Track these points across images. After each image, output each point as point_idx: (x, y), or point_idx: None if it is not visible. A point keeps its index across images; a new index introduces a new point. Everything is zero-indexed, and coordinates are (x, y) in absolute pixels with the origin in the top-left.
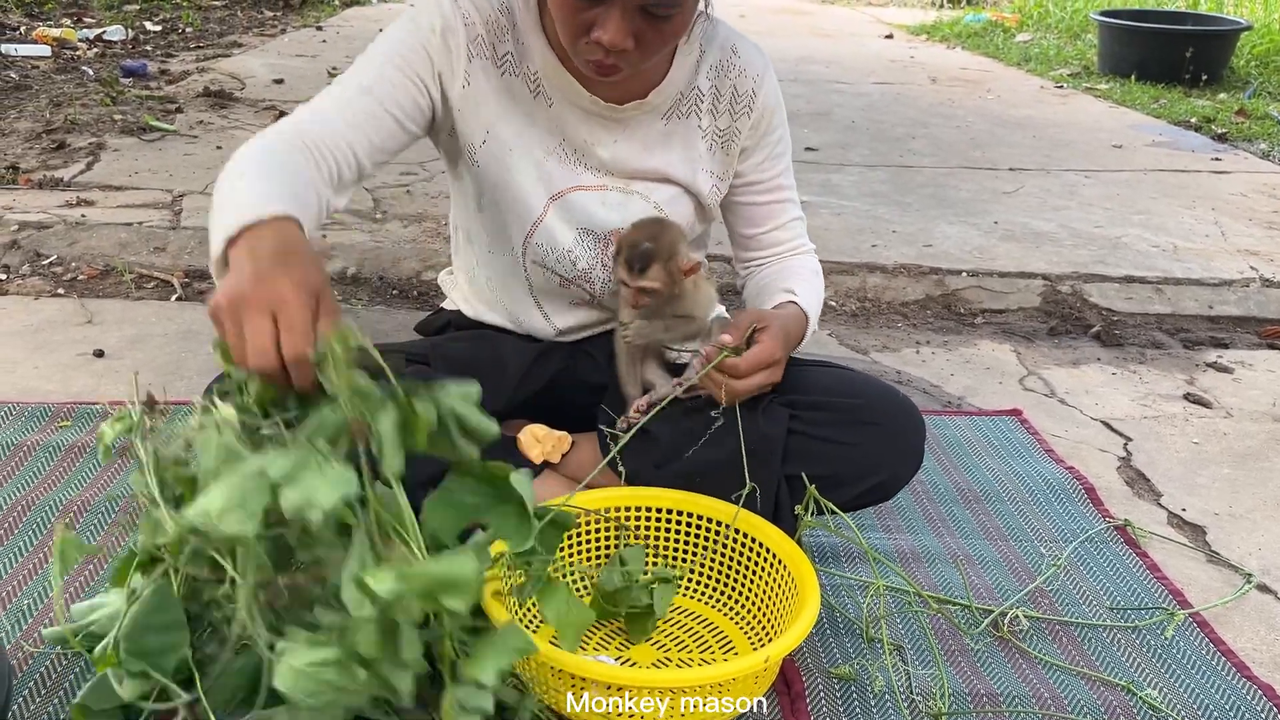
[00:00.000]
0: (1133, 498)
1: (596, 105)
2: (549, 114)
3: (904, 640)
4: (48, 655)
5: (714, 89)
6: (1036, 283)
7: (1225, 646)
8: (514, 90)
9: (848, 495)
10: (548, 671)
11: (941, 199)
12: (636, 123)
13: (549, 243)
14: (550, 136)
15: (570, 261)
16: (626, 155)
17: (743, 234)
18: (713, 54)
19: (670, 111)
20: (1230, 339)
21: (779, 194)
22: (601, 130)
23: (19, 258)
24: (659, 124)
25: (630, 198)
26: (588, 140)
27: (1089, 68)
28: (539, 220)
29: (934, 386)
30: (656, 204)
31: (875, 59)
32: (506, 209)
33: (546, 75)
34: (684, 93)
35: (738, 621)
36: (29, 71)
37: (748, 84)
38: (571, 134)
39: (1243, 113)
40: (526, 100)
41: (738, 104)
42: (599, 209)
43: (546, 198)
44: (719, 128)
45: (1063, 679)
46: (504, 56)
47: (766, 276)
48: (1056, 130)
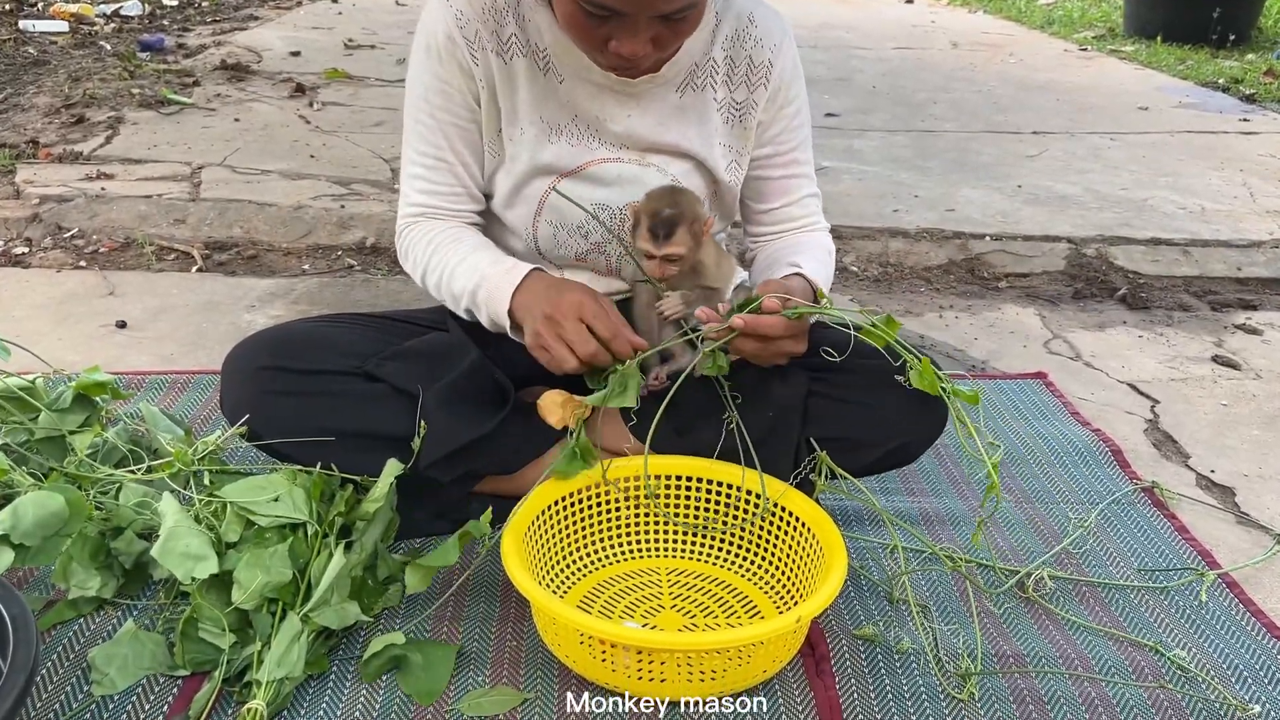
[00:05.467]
0: (1160, 460)
1: (608, 79)
2: (560, 91)
3: (929, 602)
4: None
5: (729, 59)
6: (1061, 246)
7: (1255, 607)
8: (523, 73)
9: (870, 458)
10: (574, 637)
11: (964, 163)
12: (650, 96)
13: (559, 219)
14: (562, 113)
15: (582, 235)
16: (641, 129)
17: (754, 208)
18: (729, 23)
19: (685, 84)
20: (1259, 300)
21: (794, 169)
22: (614, 104)
23: (41, 231)
24: (673, 96)
25: (646, 170)
26: (600, 115)
27: (1114, 30)
28: (544, 199)
29: (958, 350)
30: (673, 177)
31: (896, 24)
32: (513, 191)
33: (555, 51)
34: (699, 64)
35: (763, 588)
36: (47, 47)
37: (764, 54)
38: (584, 110)
39: (1271, 73)
40: (537, 79)
41: (754, 75)
42: (615, 181)
43: (553, 176)
44: (735, 100)
45: (1090, 640)
46: (508, 40)
47: (775, 250)
48: (1080, 93)
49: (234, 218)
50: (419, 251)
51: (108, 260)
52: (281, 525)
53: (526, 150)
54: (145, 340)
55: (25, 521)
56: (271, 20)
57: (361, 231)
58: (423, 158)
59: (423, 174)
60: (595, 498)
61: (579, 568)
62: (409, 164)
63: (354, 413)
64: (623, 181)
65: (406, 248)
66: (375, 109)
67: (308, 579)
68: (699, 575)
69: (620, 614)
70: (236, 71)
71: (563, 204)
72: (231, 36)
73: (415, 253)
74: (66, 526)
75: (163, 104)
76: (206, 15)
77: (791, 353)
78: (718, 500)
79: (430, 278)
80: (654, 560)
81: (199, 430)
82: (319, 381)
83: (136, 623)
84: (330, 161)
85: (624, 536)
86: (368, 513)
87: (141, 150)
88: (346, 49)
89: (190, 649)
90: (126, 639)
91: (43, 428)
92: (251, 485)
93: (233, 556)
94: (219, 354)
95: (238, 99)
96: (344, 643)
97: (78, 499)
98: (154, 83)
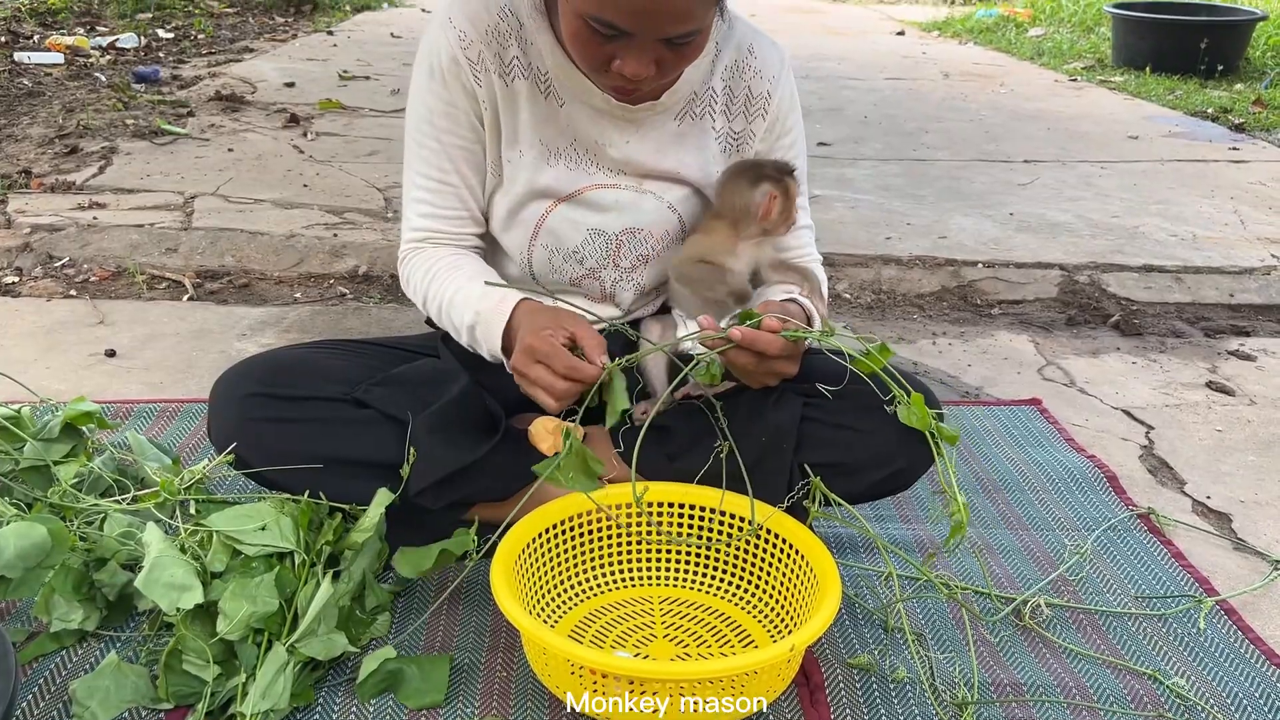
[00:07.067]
0: (1156, 486)
1: (608, 104)
2: (560, 114)
3: (924, 630)
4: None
5: (728, 90)
6: (1054, 273)
7: (1254, 634)
8: (523, 94)
9: (864, 483)
10: (565, 667)
11: (956, 191)
12: (649, 123)
13: (555, 244)
14: (561, 137)
15: (577, 261)
16: (639, 155)
17: None
18: (728, 54)
19: (684, 112)
20: (1252, 327)
21: None
22: (613, 130)
23: (31, 260)
24: (672, 124)
25: (643, 197)
26: (599, 140)
27: (1103, 61)
28: (541, 223)
29: (951, 377)
30: (670, 204)
31: (887, 55)
32: (509, 214)
33: (557, 75)
34: (698, 93)
35: (756, 616)
36: (42, 79)
37: (763, 85)
38: (583, 134)
39: (1260, 102)
40: (538, 102)
41: (752, 106)
42: (611, 208)
43: (551, 200)
44: (733, 130)
45: (1087, 668)
46: (510, 62)
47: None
48: (1071, 122)
49: (226, 246)
50: (418, 280)
51: (98, 289)
52: (268, 554)
53: (525, 172)
54: (134, 369)
55: (7, 553)
56: (266, 52)
57: (354, 260)
58: (427, 180)
59: (426, 198)
60: (585, 525)
61: (569, 597)
62: (412, 188)
63: (342, 439)
64: (619, 207)
65: (408, 276)
66: (369, 139)
67: (294, 609)
68: (692, 604)
69: (612, 643)
70: (231, 102)
71: (559, 228)
72: (226, 68)
73: (415, 280)
74: (49, 558)
75: (156, 134)
76: (202, 47)
77: (784, 373)
78: (710, 527)
79: (430, 306)
80: (646, 589)
81: (187, 459)
82: (307, 408)
83: (119, 655)
84: (323, 191)
85: (615, 565)
86: (356, 542)
87: (134, 180)
88: (341, 80)
89: (173, 681)
90: (109, 671)
91: (28, 458)
92: (238, 514)
93: (218, 586)
94: (209, 382)
95: (232, 129)
96: (331, 674)
97: (60, 530)
98: (148, 113)
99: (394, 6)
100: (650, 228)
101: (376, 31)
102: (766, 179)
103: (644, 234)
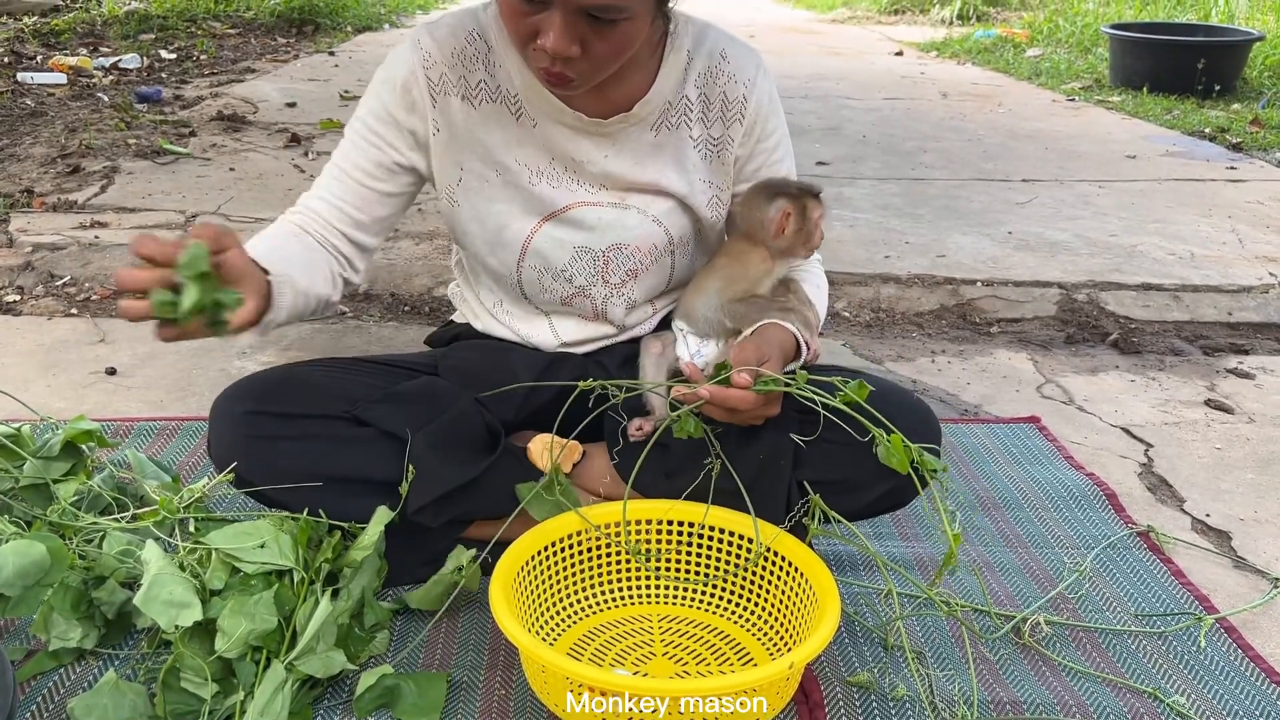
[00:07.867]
0: (1155, 504)
1: (580, 121)
2: (535, 135)
3: (924, 648)
4: (51, 676)
5: (703, 97)
6: (1052, 291)
7: (1254, 652)
8: (493, 118)
9: (863, 500)
10: (564, 685)
11: (954, 210)
12: (625, 136)
13: (542, 264)
14: (539, 157)
15: (566, 279)
16: (618, 169)
17: None
18: (701, 60)
19: (659, 123)
20: (1250, 345)
21: None
22: (591, 146)
23: (33, 279)
24: (648, 136)
25: (627, 212)
26: (576, 157)
27: (1100, 81)
28: (527, 244)
29: (950, 395)
30: (654, 217)
31: (885, 75)
32: (493, 237)
33: (526, 95)
34: (672, 103)
35: (755, 634)
36: (45, 99)
37: (738, 90)
38: (561, 152)
39: (1257, 122)
40: (509, 125)
41: (728, 111)
42: (595, 225)
43: (536, 220)
44: (711, 136)
45: (1087, 686)
46: (477, 85)
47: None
48: (1069, 142)
49: None
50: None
51: (100, 308)
52: (267, 572)
53: (503, 193)
54: (135, 387)
55: (6, 571)
56: (268, 73)
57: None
58: (333, 168)
59: (326, 182)
60: (584, 544)
61: (568, 615)
62: (323, 173)
63: (342, 457)
64: (603, 226)
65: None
66: None
67: (293, 627)
68: (691, 622)
69: (611, 661)
70: (232, 122)
71: (544, 248)
72: (228, 88)
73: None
74: (48, 576)
75: (158, 154)
76: (204, 68)
77: (765, 416)
78: (708, 546)
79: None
80: (645, 607)
81: (187, 477)
82: (307, 425)
83: (118, 673)
84: None
85: (615, 583)
86: (355, 560)
87: (136, 199)
88: (342, 100)
89: (171, 699)
90: (107, 689)
91: (28, 476)
92: (237, 532)
93: (217, 604)
94: (209, 400)
95: (233, 149)
96: (329, 692)
97: (59, 548)
98: (150, 133)
99: (395, 28)
100: (636, 243)
101: (377, 52)
102: (783, 195)
103: (630, 249)
